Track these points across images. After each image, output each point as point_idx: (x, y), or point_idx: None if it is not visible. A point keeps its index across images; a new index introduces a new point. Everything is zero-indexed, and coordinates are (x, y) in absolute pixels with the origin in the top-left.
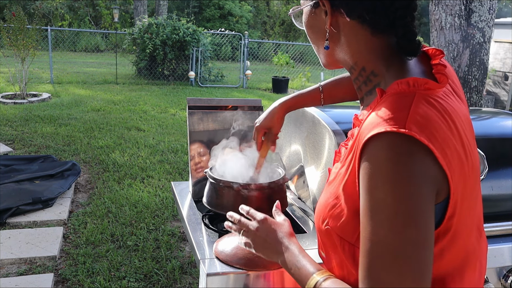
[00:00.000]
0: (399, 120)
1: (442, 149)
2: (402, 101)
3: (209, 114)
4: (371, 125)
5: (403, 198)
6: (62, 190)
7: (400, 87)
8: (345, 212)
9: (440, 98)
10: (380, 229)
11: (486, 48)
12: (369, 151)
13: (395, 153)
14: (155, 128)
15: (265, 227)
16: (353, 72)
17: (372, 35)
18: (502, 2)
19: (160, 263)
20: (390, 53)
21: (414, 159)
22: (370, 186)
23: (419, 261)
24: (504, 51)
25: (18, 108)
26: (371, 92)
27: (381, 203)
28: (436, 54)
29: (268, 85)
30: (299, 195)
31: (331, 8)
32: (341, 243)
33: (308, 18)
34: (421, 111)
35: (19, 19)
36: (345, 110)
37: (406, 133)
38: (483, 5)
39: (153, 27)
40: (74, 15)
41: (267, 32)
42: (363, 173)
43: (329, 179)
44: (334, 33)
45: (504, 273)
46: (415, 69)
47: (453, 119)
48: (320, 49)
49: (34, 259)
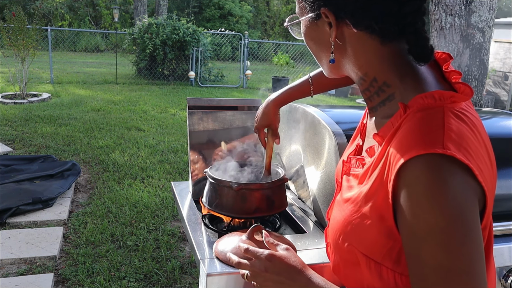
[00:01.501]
0: (436, 140)
1: (477, 164)
2: (434, 118)
3: (209, 114)
4: (405, 147)
5: (454, 218)
6: (62, 190)
7: (426, 102)
8: (373, 232)
9: (465, 110)
10: (437, 252)
11: (486, 48)
12: (408, 174)
13: (438, 174)
14: (155, 128)
15: (274, 266)
16: (362, 84)
17: (381, 45)
18: (502, 2)
19: (160, 263)
20: (401, 61)
21: (457, 178)
22: (417, 211)
23: (478, 273)
24: (504, 51)
25: (18, 108)
26: (384, 103)
27: (433, 227)
28: (444, 58)
29: (268, 85)
30: (299, 195)
31: (336, 20)
32: (366, 262)
33: (308, 30)
34: (454, 128)
35: (19, 19)
36: (345, 110)
37: (446, 153)
38: (483, 5)
39: (153, 27)
40: (74, 15)
41: (267, 32)
42: (405, 197)
43: (345, 196)
44: (339, 45)
45: (504, 273)
46: (429, 77)
47: (479, 130)
48: (324, 60)
49: (34, 259)
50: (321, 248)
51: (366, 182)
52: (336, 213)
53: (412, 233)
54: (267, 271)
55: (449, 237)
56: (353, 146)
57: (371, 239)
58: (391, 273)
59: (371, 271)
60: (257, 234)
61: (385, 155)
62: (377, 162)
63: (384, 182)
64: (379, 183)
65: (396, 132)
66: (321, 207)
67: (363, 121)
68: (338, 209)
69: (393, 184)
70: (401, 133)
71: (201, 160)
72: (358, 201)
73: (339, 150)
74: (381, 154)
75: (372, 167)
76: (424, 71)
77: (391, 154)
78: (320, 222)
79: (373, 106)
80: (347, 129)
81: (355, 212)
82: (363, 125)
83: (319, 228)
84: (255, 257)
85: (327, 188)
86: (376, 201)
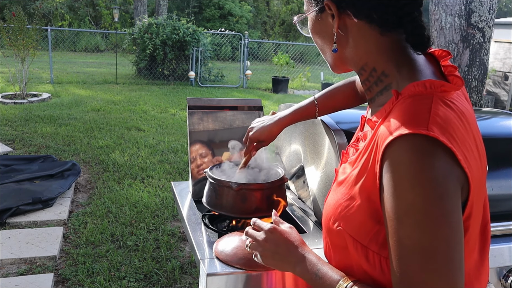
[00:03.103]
0: (420, 122)
1: (461, 150)
2: (421, 103)
3: (209, 114)
4: (391, 128)
5: (433, 199)
6: (62, 190)
7: (417, 89)
8: (361, 214)
9: (455, 100)
10: (413, 232)
11: (486, 48)
12: (392, 154)
13: (420, 155)
14: (155, 128)
15: (274, 238)
16: (363, 74)
17: (381, 35)
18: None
19: (160, 263)
20: (400, 52)
21: (439, 160)
22: (398, 190)
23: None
24: (504, 51)
25: (18, 108)
26: (382, 92)
27: (411, 206)
28: (443, 55)
29: (268, 85)
30: (299, 195)
31: (337, 10)
32: (354, 244)
33: (314, 24)
34: (441, 113)
35: (19, 19)
36: (345, 110)
37: (430, 134)
38: (483, 5)
39: (153, 27)
40: (74, 15)
41: (267, 32)
42: (387, 176)
43: (338, 180)
44: (341, 35)
45: (504, 273)
46: (426, 70)
47: (468, 120)
48: (328, 53)
49: (34, 259)
50: (321, 248)
51: (357, 164)
52: (329, 198)
53: (391, 213)
54: (267, 241)
55: (425, 217)
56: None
57: (359, 221)
58: (377, 257)
59: (358, 254)
60: None
61: (375, 137)
62: (367, 145)
63: (372, 163)
64: (367, 164)
65: (387, 116)
66: (321, 207)
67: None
68: (332, 194)
69: (380, 164)
70: (389, 116)
71: (203, 162)
72: (349, 183)
73: (339, 150)
74: (372, 137)
75: (363, 150)
76: (422, 64)
77: (379, 135)
78: (320, 222)
79: (372, 97)
80: (347, 129)
81: (346, 194)
82: (363, 118)
83: (319, 228)
84: (259, 228)
85: (327, 188)
86: (365, 182)
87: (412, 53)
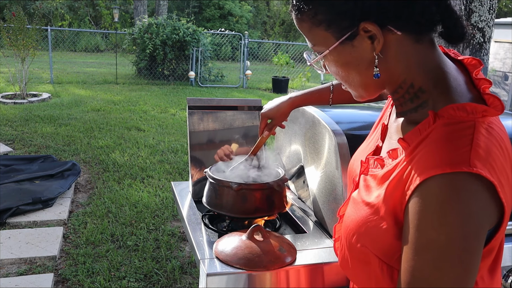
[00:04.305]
0: (462, 158)
1: (499, 179)
2: (463, 134)
3: (209, 114)
4: (431, 162)
5: (457, 239)
6: (62, 190)
7: (457, 114)
8: (389, 236)
9: (494, 124)
10: (426, 267)
11: (486, 48)
12: (428, 188)
13: (459, 193)
14: (155, 128)
15: None
16: (399, 92)
17: (417, 43)
18: (502, 2)
19: (160, 263)
20: (434, 61)
21: (478, 197)
22: (422, 224)
23: None
24: (504, 51)
25: (18, 108)
26: (416, 109)
27: (432, 243)
28: (474, 64)
29: (268, 85)
30: (299, 195)
31: (380, 29)
32: (379, 264)
33: (341, 56)
34: (482, 144)
35: (19, 19)
36: (345, 110)
37: (473, 171)
38: (483, 5)
39: (153, 27)
40: (74, 15)
41: (267, 32)
42: (415, 207)
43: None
44: (381, 57)
45: (504, 273)
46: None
47: (506, 144)
48: (359, 81)
49: (34, 259)
50: (321, 248)
51: (386, 185)
52: (351, 211)
53: (410, 243)
54: None
55: (443, 256)
56: (370, 146)
57: (385, 243)
58: None
59: (383, 273)
60: (257, 234)
61: (409, 162)
62: (399, 167)
63: (402, 188)
64: (397, 188)
65: (423, 140)
66: (321, 207)
67: (383, 122)
68: (354, 207)
69: (411, 193)
70: (428, 144)
71: (201, 160)
72: (375, 204)
73: (339, 150)
74: (404, 160)
75: (393, 171)
76: (456, 77)
77: (415, 164)
78: (320, 222)
79: (404, 111)
80: (347, 129)
81: (371, 214)
82: (384, 126)
83: (319, 228)
84: None
85: (327, 188)
86: (393, 205)
87: (445, 62)
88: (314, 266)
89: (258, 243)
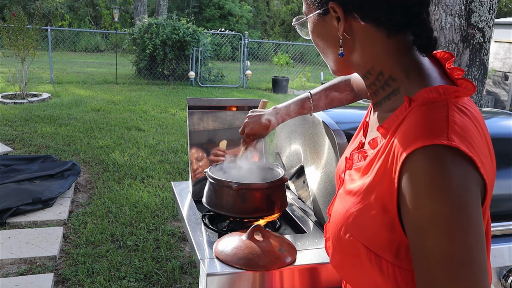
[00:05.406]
0: (440, 132)
1: (479, 157)
2: (438, 111)
3: (209, 114)
4: (410, 138)
5: (459, 207)
6: (62, 190)
7: (431, 96)
8: (375, 224)
9: (467, 105)
10: (441, 241)
11: (486, 48)
12: (413, 165)
13: (443, 165)
14: (155, 128)
15: None
16: (368, 77)
17: (387, 37)
18: (502, 2)
19: (160, 263)
20: (407, 54)
21: (461, 169)
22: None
23: (480, 262)
24: (504, 51)
25: (18, 108)
26: (389, 97)
27: (438, 215)
28: (445, 57)
29: (268, 85)
30: (299, 195)
31: (344, 13)
32: (367, 254)
33: (316, 27)
34: (458, 120)
35: (19, 19)
36: (345, 110)
37: (451, 144)
38: (483, 5)
39: (153, 27)
40: (74, 15)
41: (267, 32)
42: (409, 188)
43: (347, 188)
44: (347, 39)
45: (504, 273)
46: (433, 73)
47: (481, 126)
48: (331, 56)
49: (34, 259)
50: (321, 248)
51: (370, 173)
52: (337, 206)
53: (416, 224)
54: None
55: (453, 226)
56: (355, 144)
57: (373, 231)
58: (390, 266)
59: (372, 264)
60: (257, 234)
61: (389, 146)
62: (381, 153)
63: (388, 173)
64: (382, 174)
65: (400, 124)
66: (321, 207)
67: (365, 119)
68: (340, 201)
69: (398, 175)
70: (405, 125)
71: (201, 160)
72: (361, 192)
73: (339, 150)
74: (385, 145)
75: (375, 159)
76: (429, 67)
77: (395, 145)
78: (320, 222)
79: (378, 101)
80: (347, 129)
81: (358, 203)
82: (366, 122)
83: (319, 228)
84: None
85: (327, 188)
86: (380, 192)
87: (418, 56)
88: (314, 266)
89: (258, 243)
